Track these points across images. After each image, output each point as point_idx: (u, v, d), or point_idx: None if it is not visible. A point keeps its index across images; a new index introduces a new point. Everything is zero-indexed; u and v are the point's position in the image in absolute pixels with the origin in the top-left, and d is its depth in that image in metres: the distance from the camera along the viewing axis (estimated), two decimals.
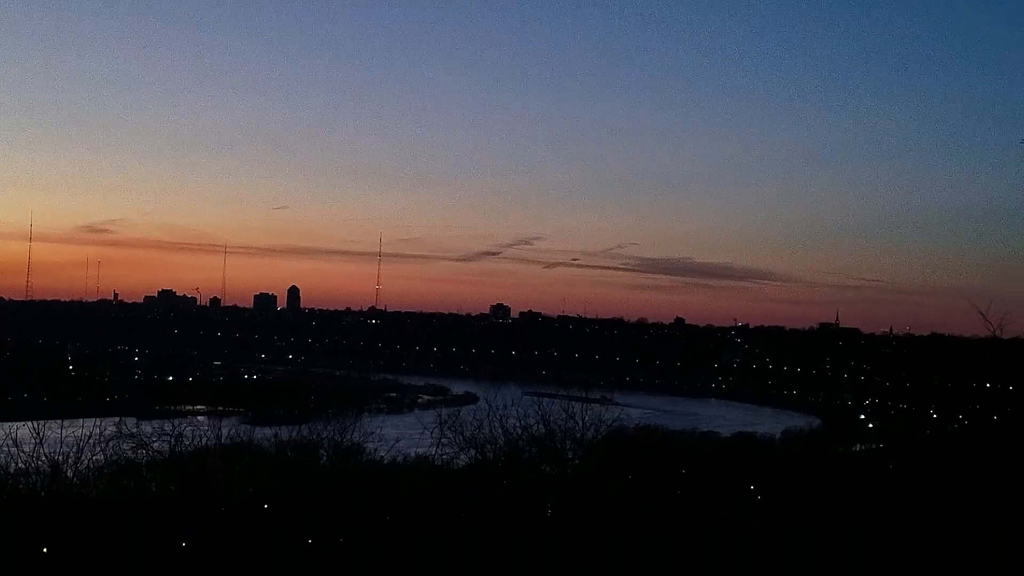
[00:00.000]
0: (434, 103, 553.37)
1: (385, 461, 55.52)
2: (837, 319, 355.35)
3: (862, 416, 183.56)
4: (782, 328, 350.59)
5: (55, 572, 32.46)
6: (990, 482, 40.83)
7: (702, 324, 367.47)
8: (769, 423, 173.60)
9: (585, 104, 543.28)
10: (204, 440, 48.28)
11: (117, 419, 58.66)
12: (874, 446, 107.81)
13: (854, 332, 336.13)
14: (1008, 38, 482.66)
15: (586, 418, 50.75)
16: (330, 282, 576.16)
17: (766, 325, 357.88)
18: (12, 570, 32.34)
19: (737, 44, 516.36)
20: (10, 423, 52.36)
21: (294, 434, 52.60)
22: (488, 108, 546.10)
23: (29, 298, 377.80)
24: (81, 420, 48.50)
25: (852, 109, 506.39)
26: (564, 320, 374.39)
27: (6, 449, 44.77)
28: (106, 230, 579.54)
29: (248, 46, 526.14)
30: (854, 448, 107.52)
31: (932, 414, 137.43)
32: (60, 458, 43.07)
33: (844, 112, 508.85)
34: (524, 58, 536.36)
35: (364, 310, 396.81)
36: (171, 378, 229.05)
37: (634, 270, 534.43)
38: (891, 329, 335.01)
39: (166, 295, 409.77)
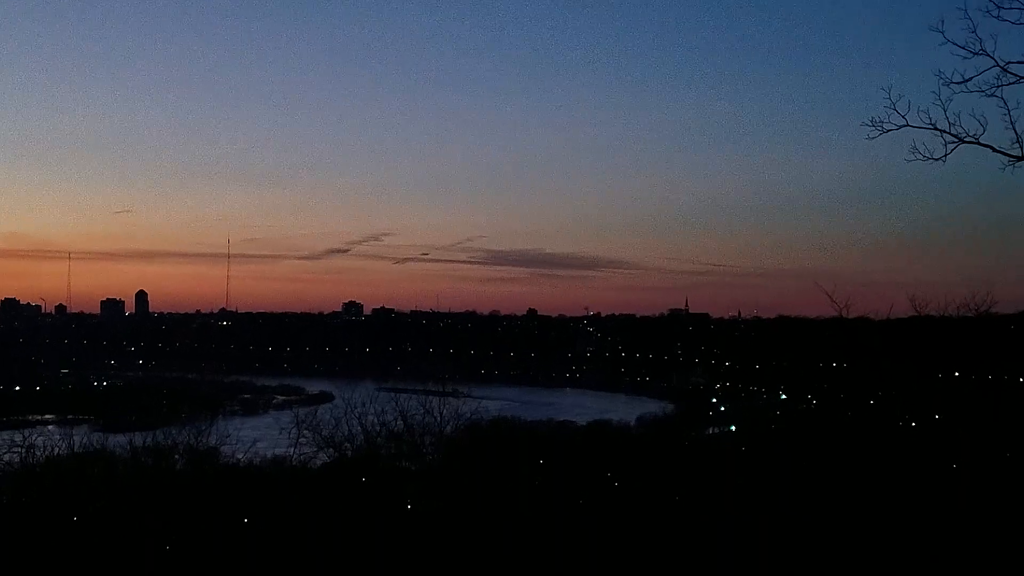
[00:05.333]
0: (277, 101, 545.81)
1: (242, 464, 55.20)
2: (687, 305, 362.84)
3: (714, 399, 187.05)
4: (633, 316, 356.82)
5: None
6: (836, 457, 42.35)
7: (554, 314, 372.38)
8: (624, 410, 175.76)
9: (428, 99, 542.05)
10: (56, 450, 47.49)
11: None
12: (726, 428, 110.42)
13: (704, 317, 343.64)
14: (849, 24, 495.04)
15: (444, 412, 51.19)
16: (179, 285, 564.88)
17: (617, 313, 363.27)
18: None
19: (579, 33, 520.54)
20: None
21: (148, 440, 51.86)
22: (332, 105, 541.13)
23: None
24: None
25: (695, 96, 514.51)
26: (417, 315, 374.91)
27: None
28: None
29: (86, 45, 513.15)
30: (707, 431, 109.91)
31: (781, 395, 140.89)
32: None
33: (687, 99, 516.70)
34: (366, 53, 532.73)
35: (215, 312, 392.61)
36: (17, 388, 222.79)
37: (484, 263, 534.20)
38: (739, 313, 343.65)
39: (9, 304, 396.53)
